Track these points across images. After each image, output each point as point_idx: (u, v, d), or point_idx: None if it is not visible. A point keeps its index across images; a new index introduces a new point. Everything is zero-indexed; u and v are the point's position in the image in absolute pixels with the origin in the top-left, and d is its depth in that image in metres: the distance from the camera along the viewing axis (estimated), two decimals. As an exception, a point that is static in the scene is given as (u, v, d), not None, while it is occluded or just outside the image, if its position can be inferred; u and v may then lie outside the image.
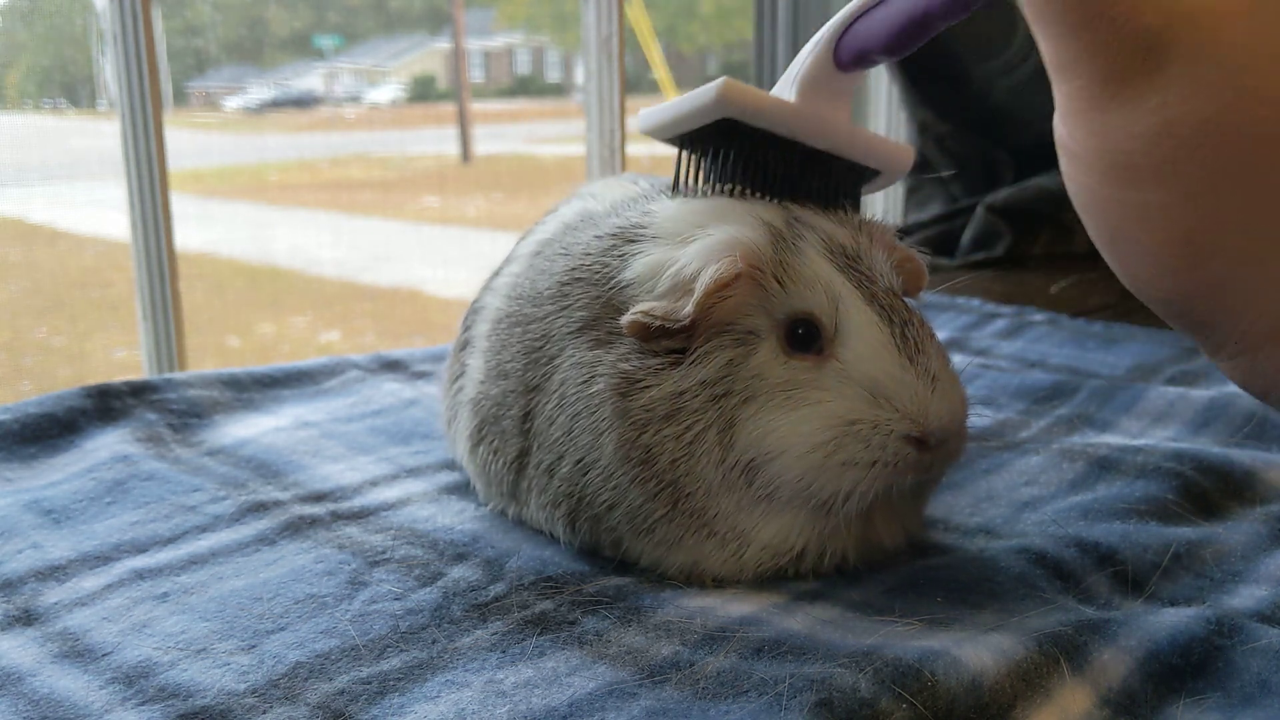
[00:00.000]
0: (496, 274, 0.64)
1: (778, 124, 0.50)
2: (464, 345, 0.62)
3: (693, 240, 0.50)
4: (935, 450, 0.49)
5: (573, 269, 0.54)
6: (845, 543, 0.51)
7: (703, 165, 0.54)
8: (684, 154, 0.55)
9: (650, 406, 0.49)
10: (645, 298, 0.51)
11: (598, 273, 0.53)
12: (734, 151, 0.52)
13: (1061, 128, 0.37)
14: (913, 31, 0.43)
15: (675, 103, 0.51)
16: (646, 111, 0.54)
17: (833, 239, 0.51)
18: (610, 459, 0.50)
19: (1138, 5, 0.33)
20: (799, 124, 0.50)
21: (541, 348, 0.54)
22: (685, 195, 0.55)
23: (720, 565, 0.51)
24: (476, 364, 0.59)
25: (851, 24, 0.46)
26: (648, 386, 0.50)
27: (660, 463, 0.49)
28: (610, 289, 0.52)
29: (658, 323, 0.49)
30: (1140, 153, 0.34)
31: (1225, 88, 0.33)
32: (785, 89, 0.51)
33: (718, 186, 0.54)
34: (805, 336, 0.49)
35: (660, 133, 0.54)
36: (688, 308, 0.48)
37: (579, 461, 0.52)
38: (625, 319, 0.50)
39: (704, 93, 0.49)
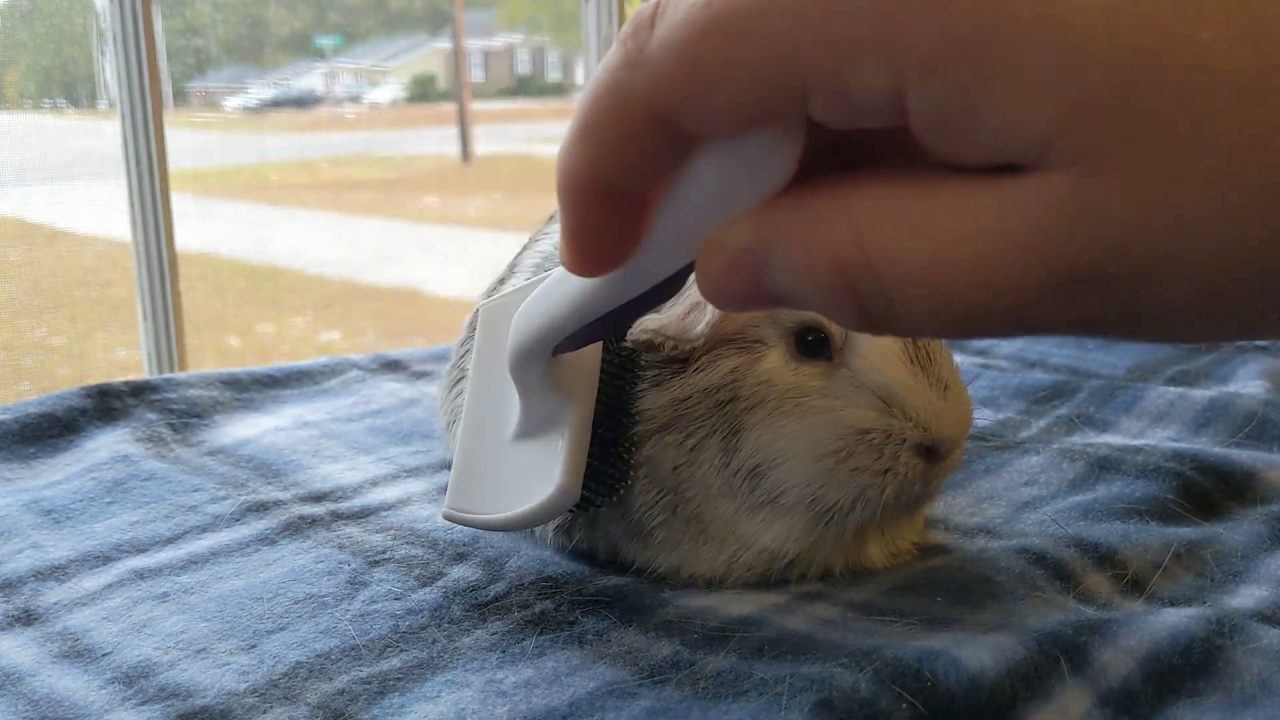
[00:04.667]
0: (502, 280, 0.64)
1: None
2: (467, 351, 0.62)
3: None
4: (943, 460, 0.49)
5: None
6: (835, 553, 0.51)
7: None
8: None
9: (650, 416, 0.49)
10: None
11: None
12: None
13: None
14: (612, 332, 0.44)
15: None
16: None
17: None
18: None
19: None
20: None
21: None
22: None
23: (712, 568, 0.51)
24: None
25: (564, 340, 0.41)
26: (645, 395, 0.50)
27: (661, 470, 0.49)
28: None
29: (670, 341, 0.49)
30: None
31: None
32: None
33: None
34: (814, 344, 0.49)
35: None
36: (700, 327, 0.48)
37: None
38: (633, 335, 0.49)
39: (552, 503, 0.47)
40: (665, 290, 0.34)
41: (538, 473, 0.47)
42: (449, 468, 0.67)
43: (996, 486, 0.63)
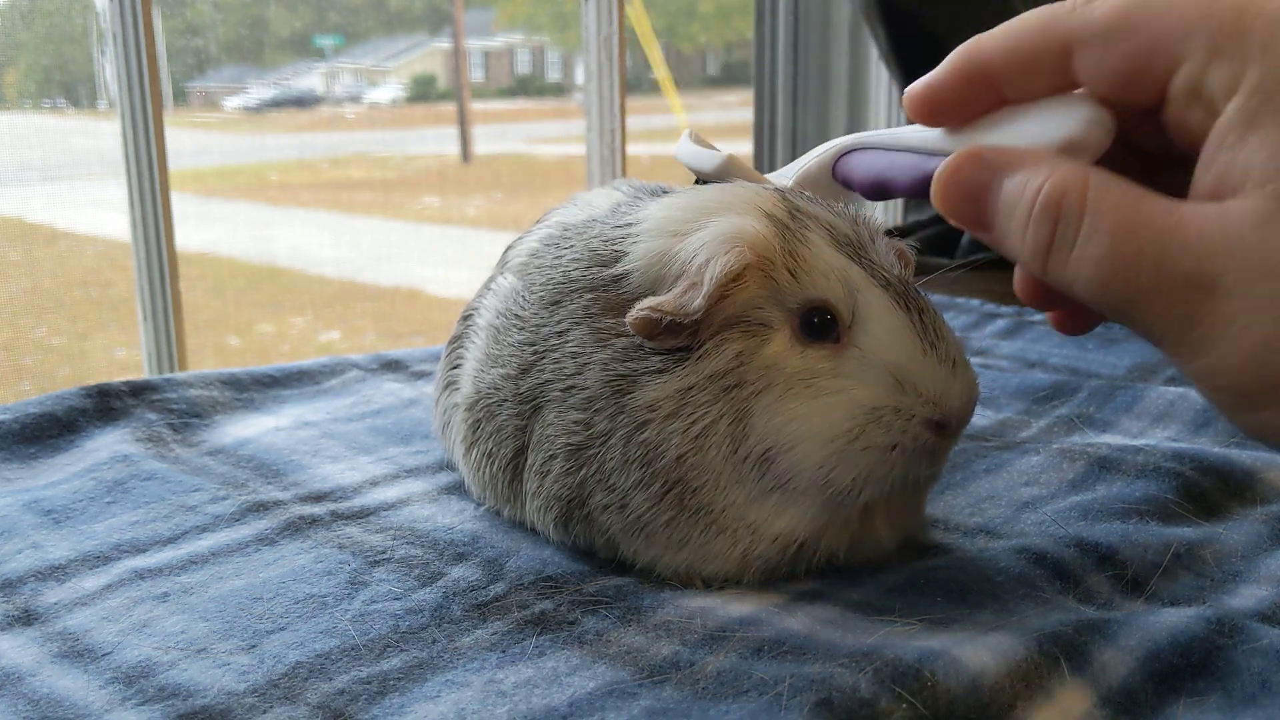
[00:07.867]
0: (490, 281, 0.63)
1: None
2: (457, 361, 0.62)
3: (692, 233, 0.50)
4: (952, 435, 0.49)
5: (566, 272, 0.54)
6: (844, 537, 0.51)
7: None
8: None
9: (654, 406, 0.49)
10: (642, 291, 0.50)
11: (591, 276, 0.53)
12: None
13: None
14: (880, 191, 0.51)
15: (698, 155, 0.58)
16: (681, 147, 0.60)
17: (836, 229, 0.51)
18: (607, 462, 0.50)
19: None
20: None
21: (538, 357, 0.54)
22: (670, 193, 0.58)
23: (725, 563, 0.51)
24: (470, 370, 0.59)
25: (853, 150, 0.52)
26: (648, 386, 0.49)
27: (666, 460, 0.49)
28: (604, 289, 0.52)
29: (667, 318, 0.48)
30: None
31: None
32: (781, 175, 0.57)
33: None
34: (821, 326, 0.49)
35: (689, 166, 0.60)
36: (697, 300, 0.47)
37: (571, 463, 0.52)
38: (631, 316, 0.49)
39: (712, 156, 0.57)
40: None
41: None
42: (449, 468, 0.67)
43: (996, 486, 0.63)
